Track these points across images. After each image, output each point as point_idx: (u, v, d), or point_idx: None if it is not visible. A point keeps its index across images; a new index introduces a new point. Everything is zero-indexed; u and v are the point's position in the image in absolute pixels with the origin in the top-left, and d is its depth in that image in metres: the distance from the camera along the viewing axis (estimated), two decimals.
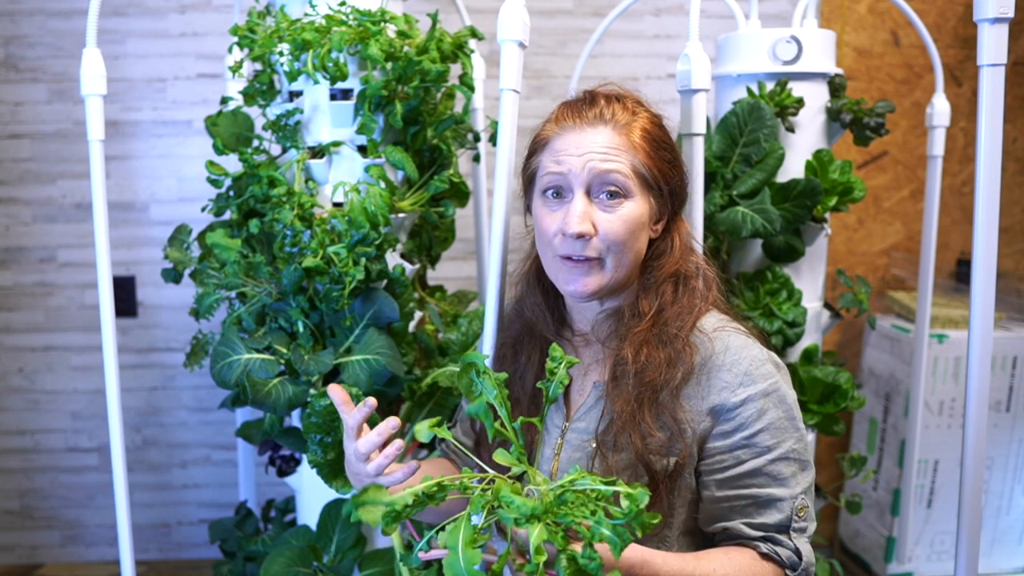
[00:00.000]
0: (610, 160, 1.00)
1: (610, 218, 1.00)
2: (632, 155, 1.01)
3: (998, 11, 1.09)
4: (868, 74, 2.51)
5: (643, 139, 1.02)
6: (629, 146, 1.01)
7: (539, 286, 1.13)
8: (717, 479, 1.01)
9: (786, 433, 1.00)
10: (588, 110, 1.03)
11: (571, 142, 1.01)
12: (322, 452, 1.38)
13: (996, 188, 1.14)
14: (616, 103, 1.04)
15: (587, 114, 1.03)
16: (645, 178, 1.02)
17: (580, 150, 1.00)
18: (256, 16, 1.50)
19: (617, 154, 1.00)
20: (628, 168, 1.00)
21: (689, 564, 0.95)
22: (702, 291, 1.07)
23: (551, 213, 1.03)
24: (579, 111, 1.04)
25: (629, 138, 1.01)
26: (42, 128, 2.38)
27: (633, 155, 1.01)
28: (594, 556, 0.79)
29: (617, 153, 1.00)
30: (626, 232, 1.01)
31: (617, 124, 1.02)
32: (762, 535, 1.00)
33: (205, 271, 1.48)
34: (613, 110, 1.03)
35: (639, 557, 0.92)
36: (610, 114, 1.02)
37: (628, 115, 1.03)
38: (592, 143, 1.00)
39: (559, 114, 1.06)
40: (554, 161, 1.02)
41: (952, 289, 2.58)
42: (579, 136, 1.02)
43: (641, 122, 1.03)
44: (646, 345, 1.02)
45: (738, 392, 0.99)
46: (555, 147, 1.03)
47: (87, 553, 2.57)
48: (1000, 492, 2.44)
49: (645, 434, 0.99)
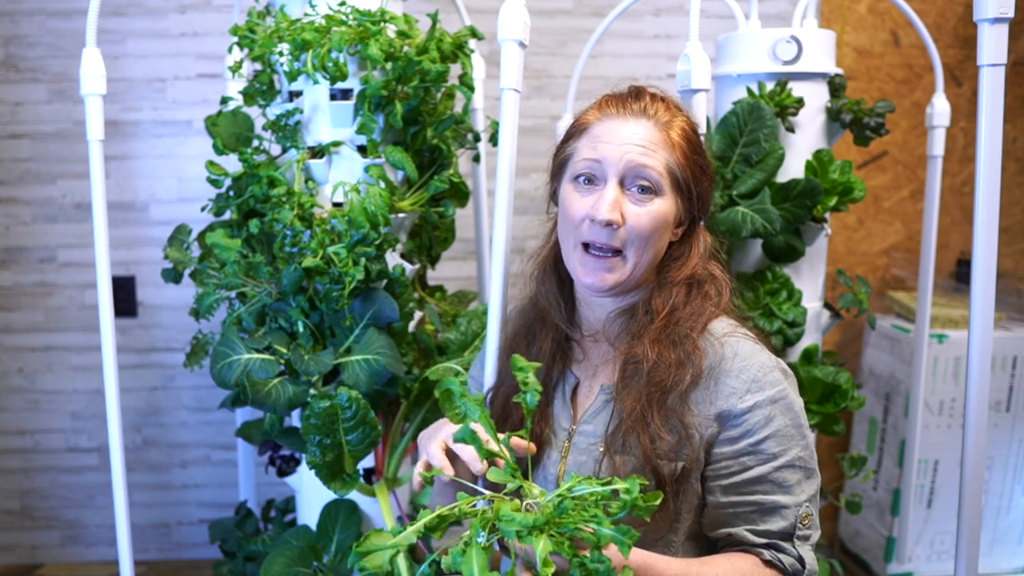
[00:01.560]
0: (648, 155, 1.00)
1: (639, 212, 1.01)
2: (669, 153, 1.02)
3: (998, 11, 1.09)
4: (868, 74, 2.51)
5: (682, 139, 1.04)
6: (668, 144, 1.02)
7: (555, 274, 1.13)
8: (722, 485, 1.01)
9: (792, 441, 1.00)
10: (633, 103, 1.04)
11: (612, 129, 1.02)
12: (321, 453, 1.38)
13: (996, 188, 1.14)
14: (660, 102, 1.05)
15: (632, 106, 1.04)
16: (677, 178, 1.03)
17: (619, 139, 1.01)
18: (256, 16, 1.50)
19: (655, 149, 1.01)
20: (663, 166, 1.01)
21: (692, 569, 0.95)
22: (714, 297, 1.07)
23: (581, 199, 1.03)
24: (623, 102, 1.05)
25: (669, 135, 1.02)
26: (42, 128, 2.38)
27: (670, 153, 1.02)
28: (603, 559, 0.79)
29: (655, 148, 1.01)
30: (652, 228, 1.01)
31: (659, 121, 1.03)
32: (766, 542, 1.00)
33: (205, 271, 1.48)
34: (657, 107, 1.04)
35: (641, 561, 0.92)
36: (653, 110, 1.04)
37: (669, 115, 1.04)
38: (633, 134, 1.01)
39: (602, 102, 1.07)
40: (591, 147, 1.03)
41: (952, 289, 2.58)
42: (621, 125, 1.02)
43: (681, 122, 1.05)
44: (658, 344, 1.02)
45: (745, 398, 0.99)
46: (595, 132, 1.04)
47: (87, 553, 2.57)
48: (1000, 492, 2.44)
49: (654, 436, 0.99)
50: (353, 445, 1.41)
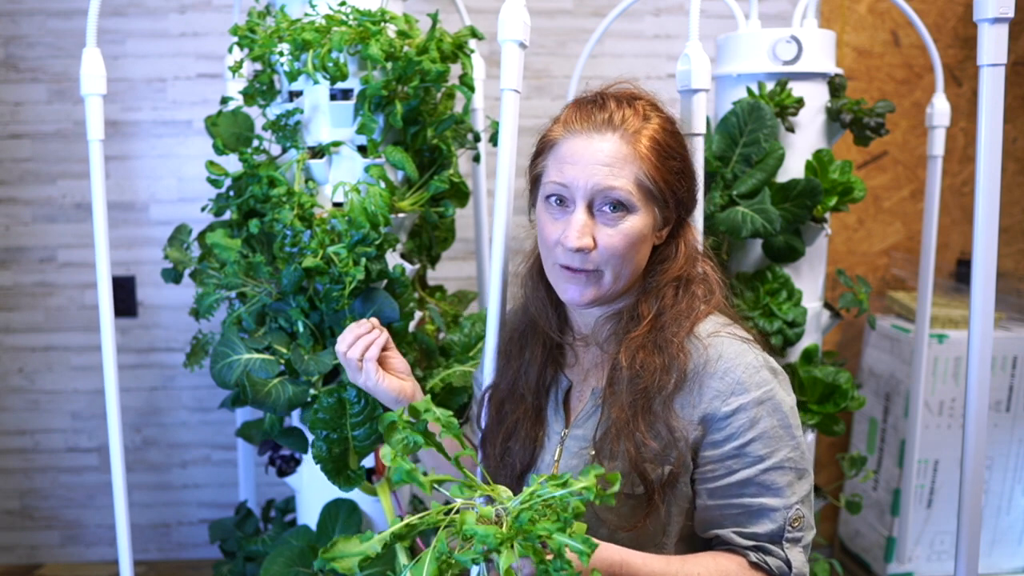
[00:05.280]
0: (614, 175, 0.97)
1: (610, 232, 0.99)
2: (638, 166, 0.98)
3: (998, 11, 1.09)
4: (868, 74, 2.51)
5: (651, 149, 0.99)
6: (635, 156, 0.98)
7: (541, 283, 1.12)
8: (708, 488, 1.00)
9: (781, 442, 0.98)
10: (597, 113, 1.01)
11: (577, 149, 0.99)
12: (327, 448, 1.38)
13: (996, 188, 1.14)
14: (627, 107, 1.01)
15: (596, 118, 1.00)
16: (650, 190, 1.00)
17: (584, 160, 0.98)
18: (256, 16, 1.50)
19: (621, 167, 0.98)
20: (632, 183, 0.98)
21: (672, 566, 0.95)
22: (704, 295, 1.05)
23: (553, 221, 1.02)
24: (588, 114, 1.01)
25: (636, 148, 0.99)
26: (42, 128, 2.38)
27: (639, 166, 0.98)
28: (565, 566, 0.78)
29: (622, 165, 0.98)
30: (626, 246, 0.99)
31: (626, 132, 0.99)
32: (753, 544, 0.99)
33: (205, 271, 1.48)
34: (623, 115, 1.00)
35: (618, 558, 0.91)
36: (620, 119, 1.00)
37: (639, 121, 1.00)
38: (598, 153, 0.98)
39: (567, 116, 1.04)
40: (558, 170, 1.00)
41: (952, 289, 2.58)
42: (586, 143, 0.99)
43: (651, 130, 1.00)
44: (642, 350, 1.01)
45: (730, 401, 0.98)
46: (560, 153, 1.01)
47: (87, 553, 2.57)
48: (1000, 492, 2.44)
49: (639, 443, 0.98)
50: (360, 441, 1.41)
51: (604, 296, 1.03)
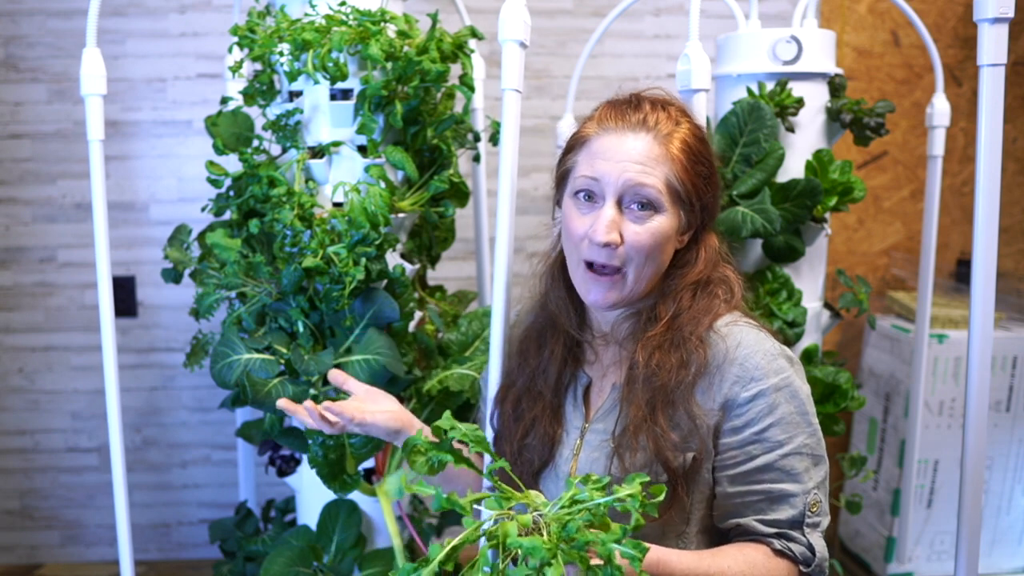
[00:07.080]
0: (646, 173, 0.99)
1: (638, 229, 1.00)
2: (668, 167, 1.00)
3: (998, 11, 1.09)
4: (868, 74, 2.51)
5: (682, 151, 1.02)
6: (667, 157, 1.01)
7: (563, 280, 1.13)
8: (729, 475, 1.01)
9: (798, 428, 1.00)
10: (632, 114, 1.03)
11: (610, 146, 1.01)
12: (323, 452, 1.38)
13: (996, 188, 1.14)
14: (661, 111, 1.03)
15: (630, 118, 1.02)
16: (678, 192, 1.02)
17: (617, 157, 1.00)
18: (256, 16, 1.50)
19: (654, 166, 1.00)
20: (662, 182, 1.00)
21: (704, 561, 0.96)
22: (723, 296, 1.07)
23: (581, 216, 1.03)
24: (622, 113, 1.03)
25: (668, 149, 1.01)
26: (42, 128, 2.38)
27: (669, 167, 1.01)
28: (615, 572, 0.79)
29: (654, 165, 1.00)
30: (652, 245, 1.01)
31: (659, 133, 1.01)
32: (775, 531, 1.00)
33: (205, 271, 1.48)
34: (657, 117, 1.02)
35: (654, 558, 0.92)
36: (653, 121, 1.02)
37: (671, 124, 1.02)
38: (631, 150, 1.00)
39: (601, 113, 1.05)
40: (590, 165, 1.02)
41: (952, 289, 2.58)
42: (619, 141, 1.01)
43: (682, 133, 1.03)
44: (659, 350, 1.02)
45: (749, 387, 0.99)
46: (593, 149, 1.03)
47: (87, 553, 2.57)
48: (1000, 492, 2.44)
49: (659, 436, 1.00)
50: (356, 448, 1.41)
51: (625, 298, 1.04)
